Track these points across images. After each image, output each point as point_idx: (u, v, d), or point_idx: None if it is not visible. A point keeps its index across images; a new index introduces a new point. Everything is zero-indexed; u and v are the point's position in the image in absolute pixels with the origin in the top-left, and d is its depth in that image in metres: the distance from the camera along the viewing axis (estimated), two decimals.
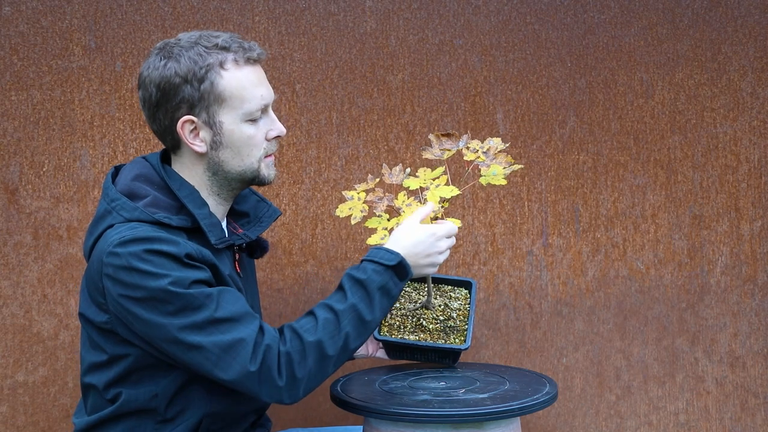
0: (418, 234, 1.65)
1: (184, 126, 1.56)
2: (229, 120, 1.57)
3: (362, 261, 1.62)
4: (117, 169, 1.65)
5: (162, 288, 1.46)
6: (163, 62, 1.54)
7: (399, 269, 1.61)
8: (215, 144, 1.58)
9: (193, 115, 1.56)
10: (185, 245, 1.51)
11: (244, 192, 1.75)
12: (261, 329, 1.52)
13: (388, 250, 1.62)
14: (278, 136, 1.63)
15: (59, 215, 2.15)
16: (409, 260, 1.63)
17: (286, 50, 2.20)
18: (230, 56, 1.56)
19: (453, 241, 1.70)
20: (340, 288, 1.59)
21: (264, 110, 1.61)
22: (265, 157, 1.62)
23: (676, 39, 2.30)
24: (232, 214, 1.73)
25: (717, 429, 2.35)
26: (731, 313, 2.34)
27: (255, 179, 1.63)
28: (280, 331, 1.55)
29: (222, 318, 1.49)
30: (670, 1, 2.29)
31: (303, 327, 1.54)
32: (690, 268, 2.33)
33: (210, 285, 1.52)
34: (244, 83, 1.56)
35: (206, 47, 1.55)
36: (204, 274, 1.51)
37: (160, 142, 2.17)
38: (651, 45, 2.29)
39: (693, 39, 2.30)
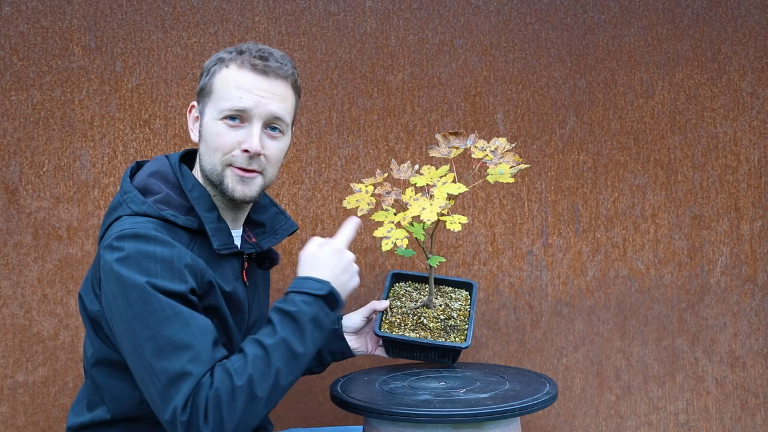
0: (331, 256, 1.59)
1: (190, 111, 1.64)
2: (208, 113, 1.59)
3: (288, 293, 1.55)
4: (139, 165, 1.67)
5: (139, 284, 1.42)
6: None
7: (329, 299, 1.54)
8: (200, 136, 1.61)
9: (197, 101, 1.63)
10: (180, 251, 1.48)
11: (264, 202, 1.74)
12: (211, 370, 1.44)
13: (316, 280, 1.55)
14: (247, 151, 1.57)
15: (59, 215, 2.15)
16: (337, 287, 1.57)
17: (286, 50, 2.20)
18: (238, 58, 1.58)
19: (349, 252, 1.65)
20: (269, 322, 1.52)
21: (243, 118, 1.57)
22: (233, 167, 1.58)
23: (676, 39, 2.30)
24: (249, 223, 1.73)
25: (717, 429, 2.35)
26: (731, 313, 2.34)
27: (220, 185, 1.60)
28: (211, 371, 1.44)
29: (181, 343, 1.41)
30: (670, 1, 2.29)
31: (234, 366, 1.44)
32: (690, 268, 2.33)
33: (188, 302, 1.47)
34: (229, 82, 1.57)
35: (235, 50, 1.59)
36: (184, 287, 1.46)
37: (159, 142, 2.18)
38: (651, 45, 2.29)
39: (693, 39, 2.30)
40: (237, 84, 1.56)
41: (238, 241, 1.67)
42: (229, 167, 1.57)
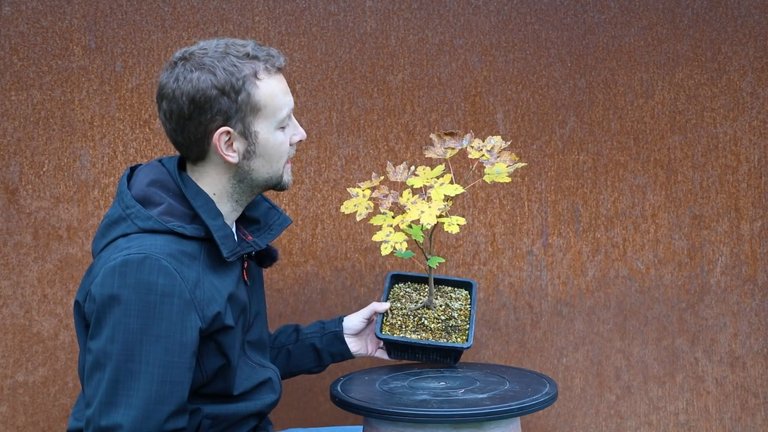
0: None
1: (220, 138, 1.54)
2: (263, 129, 1.57)
3: None
4: (132, 170, 1.64)
5: (124, 325, 1.44)
6: (195, 74, 1.51)
7: None
8: (248, 153, 1.57)
9: (229, 126, 1.54)
10: (186, 283, 1.48)
11: (256, 198, 1.73)
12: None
13: None
14: (300, 141, 1.64)
15: (59, 215, 2.15)
16: None
17: (286, 50, 2.20)
18: (261, 65, 1.55)
19: None
20: None
21: (289, 117, 1.62)
22: (286, 162, 1.64)
23: (676, 39, 2.30)
24: (242, 220, 1.72)
25: (717, 429, 2.35)
26: (731, 313, 2.34)
27: (277, 185, 1.64)
28: None
29: (135, 401, 1.44)
30: (670, 1, 2.29)
31: None
32: (690, 268, 2.33)
33: (182, 343, 1.48)
34: (275, 92, 1.57)
35: (237, 57, 1.53)
36: (182, 327, 1.47)
37: (159, 142, 2.18)
38: (651, 45, 2.29)
39: (693, 39, 2.30)
40: (280, 90, 1.58)
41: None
42: (286, 163, 1.64)
